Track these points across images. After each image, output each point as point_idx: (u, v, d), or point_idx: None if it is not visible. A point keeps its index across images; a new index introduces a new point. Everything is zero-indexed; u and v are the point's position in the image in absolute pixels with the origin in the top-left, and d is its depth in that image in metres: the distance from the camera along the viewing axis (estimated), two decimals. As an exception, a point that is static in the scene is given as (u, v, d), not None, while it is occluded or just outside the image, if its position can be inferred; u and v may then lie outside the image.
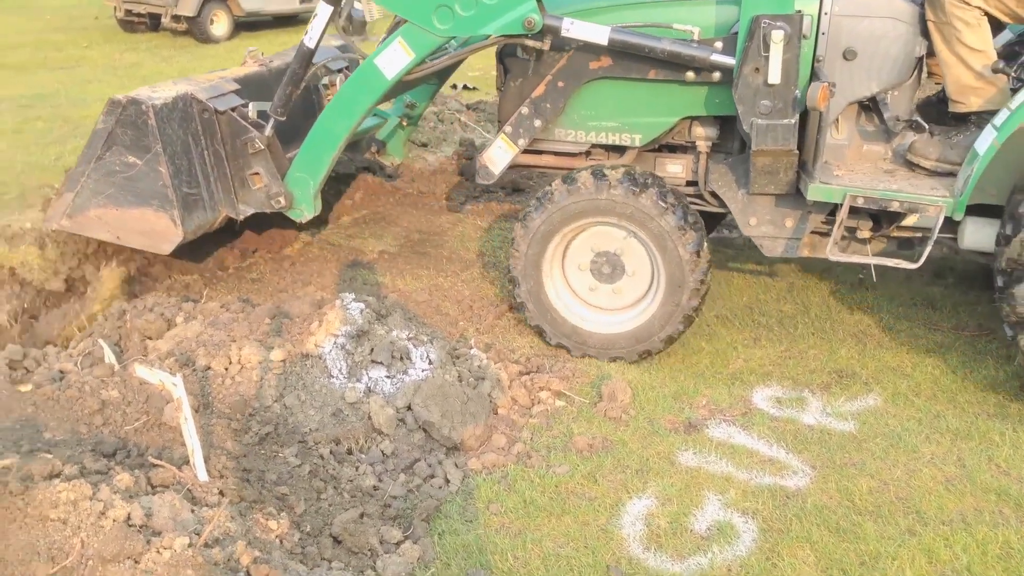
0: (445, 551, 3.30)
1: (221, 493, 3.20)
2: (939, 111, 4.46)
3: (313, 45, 4.68)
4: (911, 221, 4.21)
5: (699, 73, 4.29)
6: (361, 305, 4.30)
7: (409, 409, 3.95)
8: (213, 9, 14.74)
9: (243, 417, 3.78)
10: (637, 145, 4.63)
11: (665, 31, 4.27)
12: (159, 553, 2.70)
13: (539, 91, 4.55)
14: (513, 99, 4.69)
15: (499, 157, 4.70)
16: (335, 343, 4.06)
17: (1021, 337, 3.96)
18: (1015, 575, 3.16)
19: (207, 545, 2.81)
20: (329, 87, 5.50)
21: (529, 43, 4.40)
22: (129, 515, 2.82)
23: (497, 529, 3.44)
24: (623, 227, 4.44)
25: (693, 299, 4.41)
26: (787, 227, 4.48)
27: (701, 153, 4.63)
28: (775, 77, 3.97)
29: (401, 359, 4.14)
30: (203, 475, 3.23)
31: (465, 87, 10.38)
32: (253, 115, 4.79)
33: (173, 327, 4.33)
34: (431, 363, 4.19)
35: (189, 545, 2.75)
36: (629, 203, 4.32)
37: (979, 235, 4.15)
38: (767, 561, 3.25)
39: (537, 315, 4.67)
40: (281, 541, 3.14)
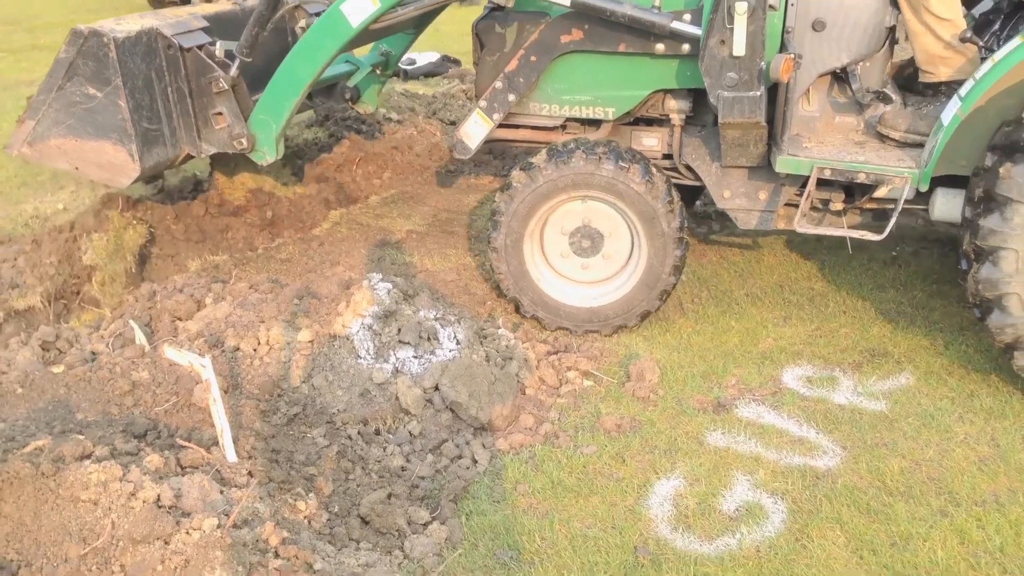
0: (473, 532, 3.31)
1: (250, 474, 3.22)
2: (912, 80, 4.41)
3: None
4: (882, 193, 4.14)
5: (669, 45, 4.25)
6: (389, 285, 4.30)
7: (437, 389, 3.95)
8: (244, -12, 14.76)
9: (271, 398, 3.80)
10: (611, 119, 4.61)
11: None
12: (188, 534, 2.72)
13: (512, 65, 4.51)
14: (488, 73, 4.65)
15: (475, 131, 4.67)
16: (363, 323, 4.07)
17: (988, 320, 3.86)
18: (1049, 557, 3.11)
19: (236, 526, 2.83)
20: (306, 30, 5.44)
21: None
22: (159, 496, 2.85)
23: (525, 510, 3.44)
24: (608, 201, 4.45)
25: (672, 275, 4.47)
26: (761, 200, 4.48)
27: (675, 126, 4.61)
28: (740, 49, 3.90)
29: (429, 339, 4.14)
30: (232, 456, 3.25)
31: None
32: (220, 54, 4.71)
33: (203, 308, 4.37)
34: (459, 343, 4.19)
35: (218, 526, 2.77)
36: (618, 178, 4.33)
37: (949, 206, 4.09)
38: (796, 542, 3.23)
39: (515, 287, 4.67)
40: (309, 522, 3.16)
